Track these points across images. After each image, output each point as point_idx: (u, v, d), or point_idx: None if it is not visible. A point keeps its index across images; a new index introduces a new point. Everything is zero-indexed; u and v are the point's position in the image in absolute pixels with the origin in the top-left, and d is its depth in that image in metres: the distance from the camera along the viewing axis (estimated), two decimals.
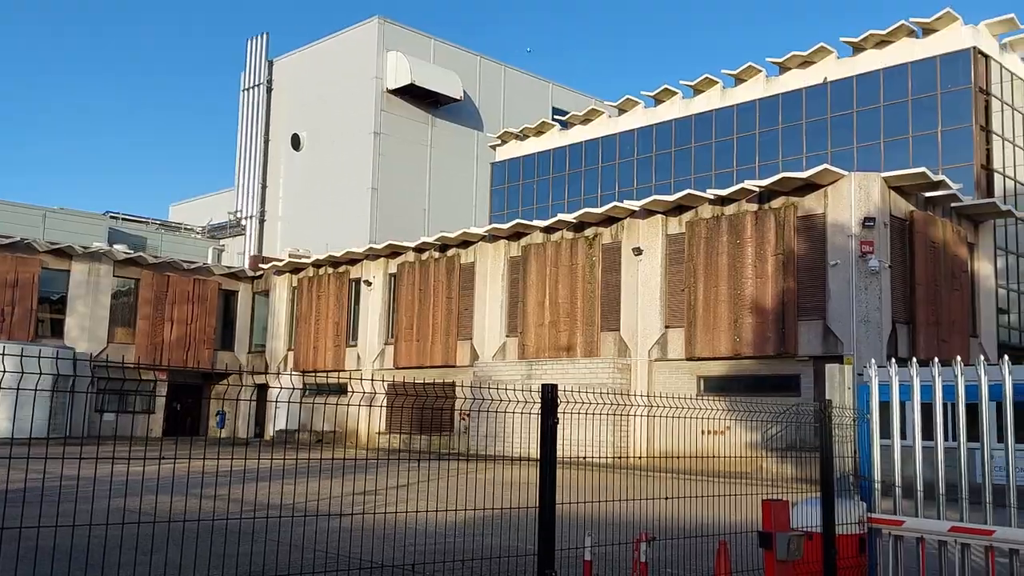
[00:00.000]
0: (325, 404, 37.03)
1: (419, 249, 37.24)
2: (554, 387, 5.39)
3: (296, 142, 53.35)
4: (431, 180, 50.48)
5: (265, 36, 55.39)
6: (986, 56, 31.38)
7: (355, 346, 38.99)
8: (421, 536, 10.98)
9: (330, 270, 40.69)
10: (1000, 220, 30.54)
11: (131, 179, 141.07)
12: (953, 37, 31.35)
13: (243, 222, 54.80)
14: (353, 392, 34.17)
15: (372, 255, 38.93)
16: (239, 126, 56.11)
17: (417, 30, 51.31)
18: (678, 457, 21.35)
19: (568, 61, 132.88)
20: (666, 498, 7.38)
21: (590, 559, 7.45)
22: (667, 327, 28.85)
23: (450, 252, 35.99)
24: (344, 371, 37.93)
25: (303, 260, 42.14)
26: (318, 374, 38.64)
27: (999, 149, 31.66)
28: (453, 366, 34.64)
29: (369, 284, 38.82)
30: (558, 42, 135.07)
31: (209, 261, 46.23)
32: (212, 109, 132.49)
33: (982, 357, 7.25)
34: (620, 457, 26.93)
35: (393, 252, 38.18)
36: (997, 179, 31.38)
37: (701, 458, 18.91)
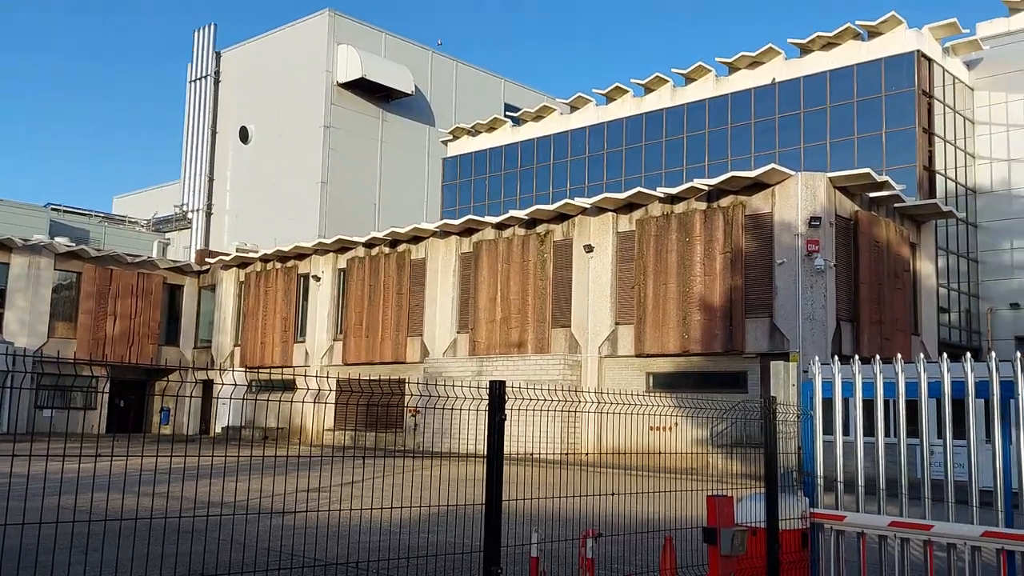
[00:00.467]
0: (270, 401, 36.55)
1: (369, 244, 36.94)
2: (502, 384, 5.37)
3: (244, 135, 52.60)
4: (381, 175, 50.15)
5: (212, 27, 54.54)
6: (929, 60, 32.05)
7: (303, 342, 38.56)
8: (368, 533, 10.87)
9: (278, 265, 40.19)
10: (941, 221, 31.24)
11: (74, 171, 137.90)
12: (897, 40, 31.95)
13: (189, 215, 53.89)
14: (301, 388, 33.80)
15: (321, 250, 38.52)
16: (186, 118, 55.19)
17: (368, 24, 50.92)
18: (627, 453, 21.48)
19: (521, 58, 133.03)
20: (612, 494, 7.39)
21: (537, 555, 7.44)
22: (617, 324, 29.00)
23: (400, 248, 35.76)
24: (292, 367, 37.52)
25: (250, 254, 41.54)
26: (265, 370, 38.14)
27: (941, 151, 32.38)
28: (403, 363, 34.44)
29: (318, 279, 38.42)
30: (511, 38, 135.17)
31: (154, 255, 45.37)
32: (158, 100, 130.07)
33: (922, 355, 7.38)
34: (570, 453, 27.03)
35: (342, 247, 37.82)
36: (939, 180, 32.10)
37: (650, 454, 19.04)
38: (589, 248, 29.81)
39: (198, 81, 54.72)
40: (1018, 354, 6.74)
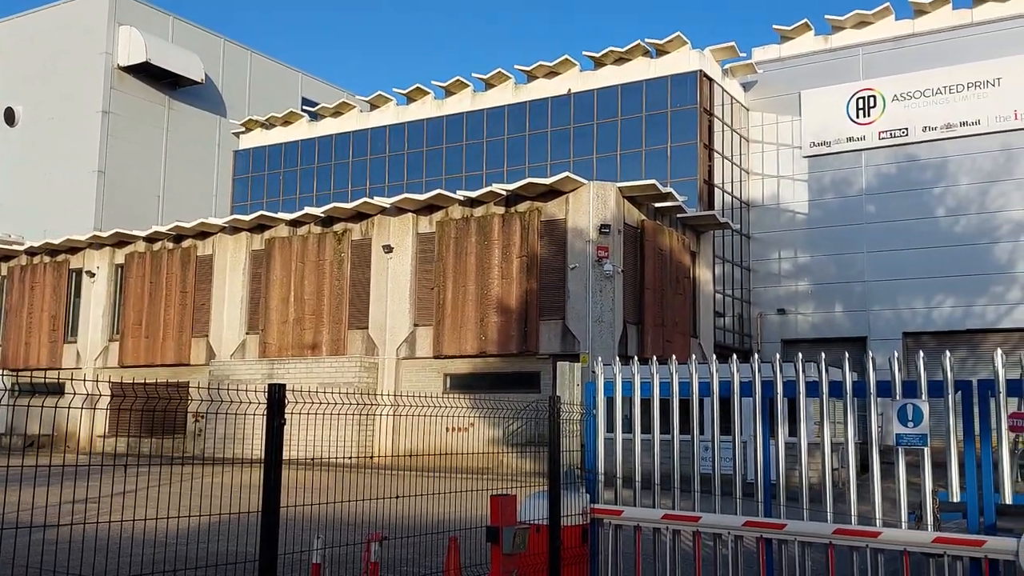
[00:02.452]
0: (34, 406, 33.68)
1: (150, 239, 34.85)
2: (282, 387, 5.21)
3: (10, 116, 48.15)
4: (167, 166, 47.39)
5: None
6: (710, 80, 34.25)
7: (74, 342, 35.80)
8: (140, 546, 10.16)
9: (47, 259, 37.10)
10: (718, 231, 33.44)
11: None
12: (682, 60, 33.92)
13: None
14: (71, 393, 31.32)
15: (96, 243, 35.94)
16: None
17: (154, 6, 47.99)
18: (422, 455, 21.45)
19: (320, 52, 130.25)
20: (397, 497, 7.28)
21: (319, 562, 7.22)
22: (416, 325, 28.94)
23: (186, 243, 33.98)
24: (61, 369, 34.75)
25: (14, 247, 38.16)
26: (29, 372, 35.12)
27: (719, 166, 34.68)
28: (187, 365, 32.74)
29: (92, 275, 35.80)
30: (309, 32, 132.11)
31: None
32: None
33: (694, 356, 7.77)
34: (366, 457, 26.68)
35: (121, 241, 35.45)
36: (717, 194, 34.35)
37: (446, 455, 19.11)
38: (388, 248, 29.55)
39: None
40: (777, 356, 7.24)
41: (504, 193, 27.80)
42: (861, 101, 34.78)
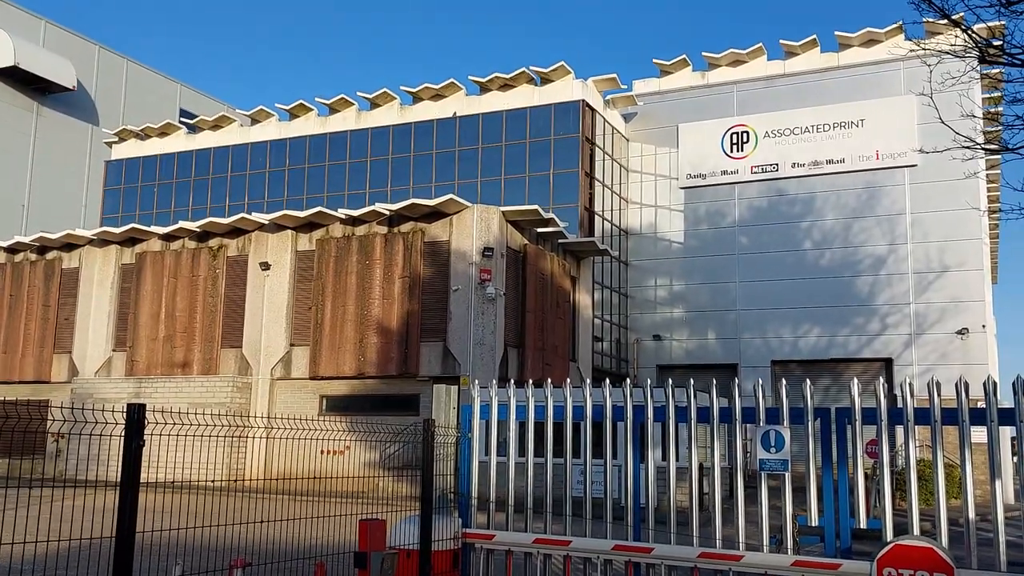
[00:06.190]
0: None
1: (12, 250, 32.98)
2: (141, 407, 5.06)
3: None
4: (33, 174, 44.99)
5: None
6: (593, 109, 35.00)
7: None
8: None
9: None
10: (598, 257, 34.08)
11: None
12: (566, 89, 34.57)
13: None
14: None
15: None
16: None
17: (25, 8, 45.74)
18: (295, 478, 20.90)
19: (202, 65, 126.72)
20: (262, 521, 7.04)
21: None
22: (292, 345, 28.29)
23: (50, 255, 32.29)
24: None
25: None
26: None
27: (600, 194, 35.40)
28: (47, 382, 31.03)
29: None
30: (189, 43, 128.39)
31: None
32: None
33: (568, 380, 7.85)
34: (236, 479, 25.80)
35: None
36: (597, 221, 35.03)
37: (321, 478, 18.65)
38: (266, 266, 28.84)
39: None
40: (648, 381, 7.38)
41: (387, 213, 27.58)
42: (735, 136, 36.19)
